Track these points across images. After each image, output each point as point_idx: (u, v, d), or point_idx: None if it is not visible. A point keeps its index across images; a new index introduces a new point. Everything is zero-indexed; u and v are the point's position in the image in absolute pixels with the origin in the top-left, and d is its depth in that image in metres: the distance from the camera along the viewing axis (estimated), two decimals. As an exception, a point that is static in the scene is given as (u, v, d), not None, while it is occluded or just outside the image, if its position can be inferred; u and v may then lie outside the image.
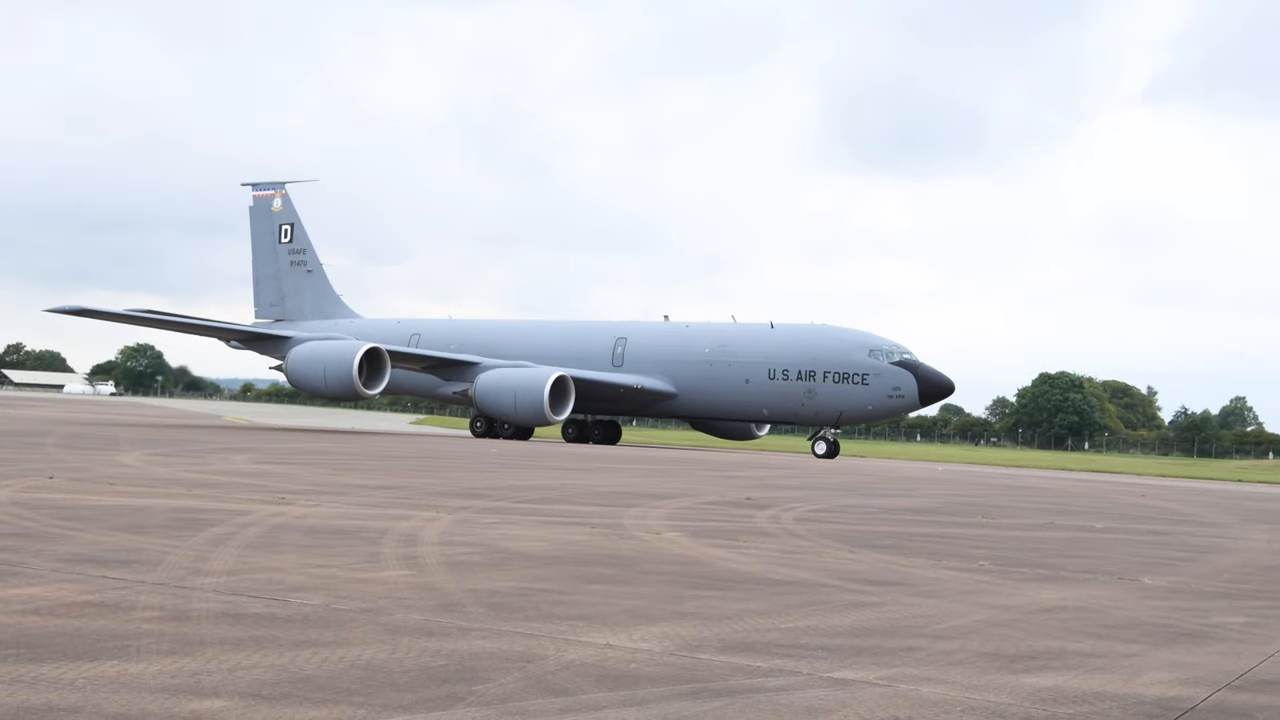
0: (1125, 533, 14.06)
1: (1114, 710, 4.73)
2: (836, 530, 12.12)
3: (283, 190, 52.42)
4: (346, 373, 39.29)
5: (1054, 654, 5.87)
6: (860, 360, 39.21)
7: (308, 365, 40.53)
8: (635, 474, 21.96)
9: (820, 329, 41.25)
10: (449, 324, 49.63)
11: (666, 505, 14.17)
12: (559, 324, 48.70)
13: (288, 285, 52.37)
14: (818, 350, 40.05)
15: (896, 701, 4.69)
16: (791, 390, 40.24)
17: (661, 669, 5.06)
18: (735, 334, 42.75)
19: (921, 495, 20.01)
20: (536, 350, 44.78)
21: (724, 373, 41.75)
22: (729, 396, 41.95)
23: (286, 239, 52.27)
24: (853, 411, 39.89)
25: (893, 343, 39.74)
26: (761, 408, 41.52)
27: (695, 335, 43.39)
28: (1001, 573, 9.19)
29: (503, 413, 41.97)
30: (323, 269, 52.35)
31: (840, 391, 39.38)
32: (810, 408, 40.19)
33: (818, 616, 6.64)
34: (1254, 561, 11.35)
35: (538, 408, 40.64)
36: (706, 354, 42.26)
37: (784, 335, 41.35)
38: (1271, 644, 6.48)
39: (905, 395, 38.94)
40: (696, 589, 7.45)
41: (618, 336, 44.66)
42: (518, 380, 41.50)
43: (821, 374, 39.67)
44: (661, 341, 43.96)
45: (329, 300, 52.24)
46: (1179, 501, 22.31)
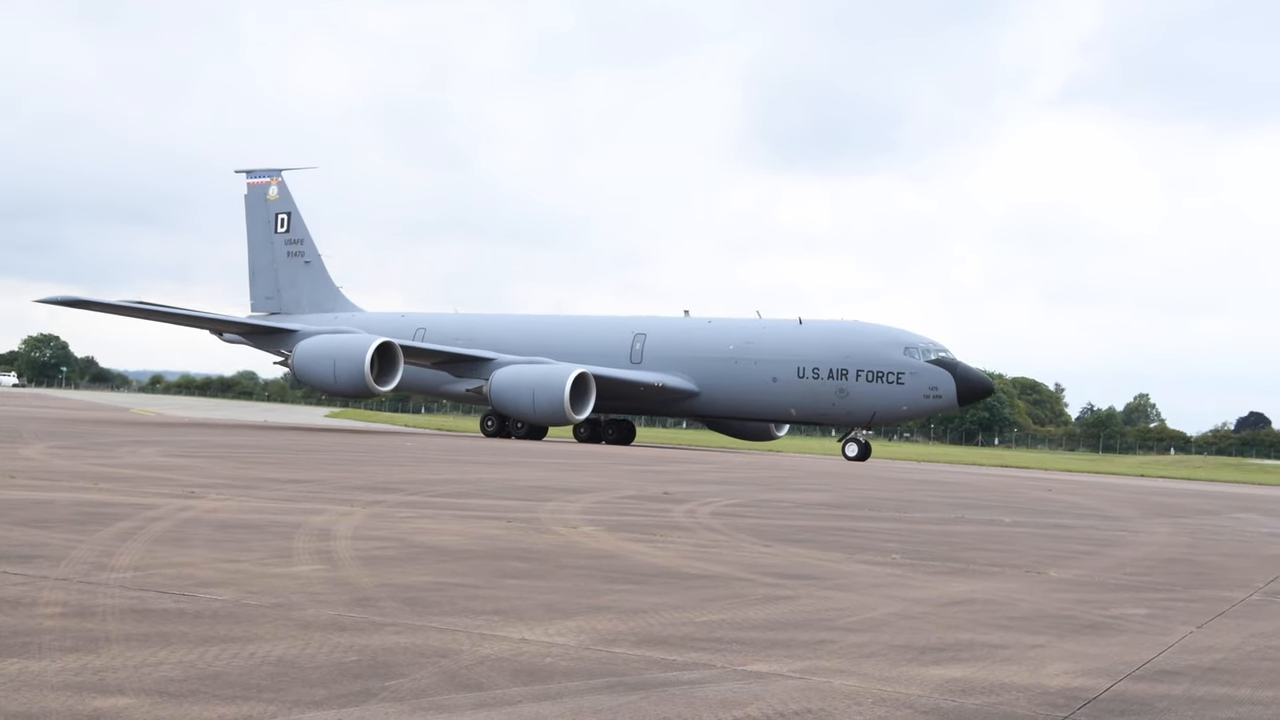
0: (1032, 526, 14.36)
1: (1019, 700, 4.83)
2: (752, 525, 12.21)
3: (279, 178, 49.99)
4: (358, 369, 37.42)
5: (963, 645, 5.97)
6: (895, 358, 37.29)
7: (316, 360, 38.65)
8: (553, 468, 21.92)
9: (852, 325, 39.43)
10: (456, 318, 47.43)
11: (584, 499, 14.17)
12: (573, 319, 46.75)
13: (284, 276, 49.85)
14: (850, 348, 38.08)
15: (809, 693, 4.74)
16: (822, 389, 38.32)
17: (577, 663, 5.06)
18: (761, 330, 40.65)
19: (837, 490, 20.24)
20: (550, 346, 42.56)
21: (750, 370, 39.70)
22: (755, 395, 39.90)
23: (283, 228, 49.90)
24: (887, 412, 38.10)
25: (929, 340, 37.85)
26: (789, 407, 39.60)
27: (718, 331, 41.44)
28: (913, 566, 9.33)
29: (520, 411, 39.98)
30: (321, 260, 49.95)
31: (874, 391, 37.48)
32: (841, 408, 38.29)
33: (733, 610, 6.69)
34: (1155, 555, 11.65)
35: (558, 406, 38.64)
36: (731, 351, 40.21)
37: (813, 332, 39.41)
38: (1170, 635, 6.66)
39: (943, 395, 37.11)
40: (613, 583, 7.46)
41: (636, 332, 42.51)
42: (536, 377, 39.59)
43: (854, 372, 37.71)
44: (682, 338, 41.91)
45: (328, 292, 49.87)
46: (1084, 496, 22.83)
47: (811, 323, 40.07)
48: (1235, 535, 14.85)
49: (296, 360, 39.44)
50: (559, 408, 38.66)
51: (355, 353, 37.97)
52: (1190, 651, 6.18)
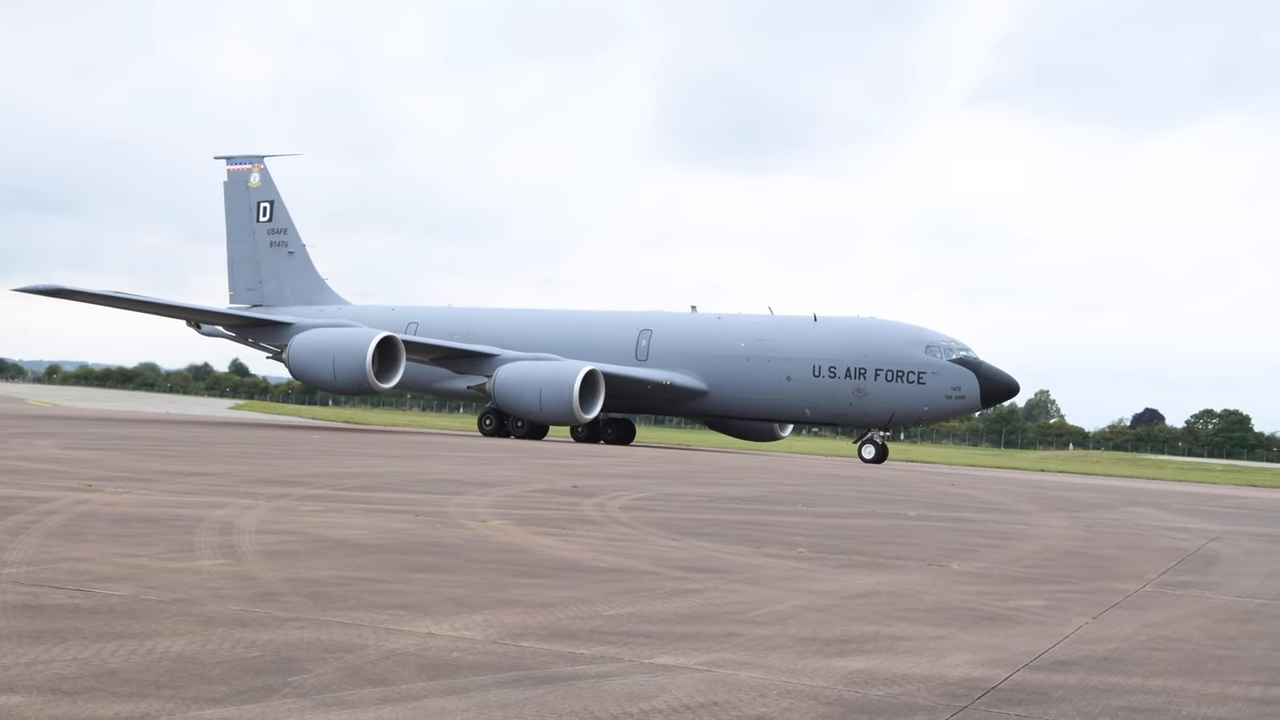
0: (936, 520, 14.61)
1: (920, 691, 4.91)
2: (661, 518, 12.26)
3: (261, 165, 48.16)
4: (359, 364, 35.89)
5: (867, 638, 6.06)
6: (916, 357, 36.19)
7: (314, 355, 36.99)
8: (464, 461, 21.79)
9: (870, 323, 38.22)
10: (449, 312, 45.43)
11: (493, 493, 14.11)
12: (575, 313, 44.52)
13: (266, 268, 47.89)
14: (869, 346, 36.92)
15: (715, 686, 4.78)
16: (839, 389, 37.08)
17: (484, 657, 5.04)
18: (774, 327, 39.29)
19: (746, 484, 20.41)
20: (551, 342, 41.07)
21: (762, 369, 38.34)
22: (768, 395, 38.54)
23: (265, 217, 47.95)
24: (907, 413, 37.03)
25: (951, 338, 36.75)
26: (804, 407, 38.33)
27: (729, 328, 40.03)
28: (820, 559, 9.45)
29: (525, 409, 38.44)
30: (305, 250, 48.19)
31: (893, 391, 36.35)
32: (859, 408, 37.12)
33: (640, 604, 6.71)
34: (1053, 547, 11.93)
35: (566, 404, 37.21)
36: (743, 348, 38.86)
37: (830, 329, 38.13)
38: (1067, 626, 6.83)
39: (966, 396, 36.01)
40: (521, 577, 7.44)
41: (641, 328, 41.06)
42: (543, 374, 38.04)
43: (873, 371, 36.54)
44: (691, 334, 40.44)
45: (313, 284, 47.94)
46: (986, 490, 23.30)
47: (827, 319, 38.83)
48: (1129, 528, 15.26)
49: (293, 355, 37.71)
50: (568, 406, 37.25)
51: (356, 347, 36.31)
52: (1085, 642, 6.34)
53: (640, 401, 41.02)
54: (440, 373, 41.42)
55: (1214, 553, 12.33)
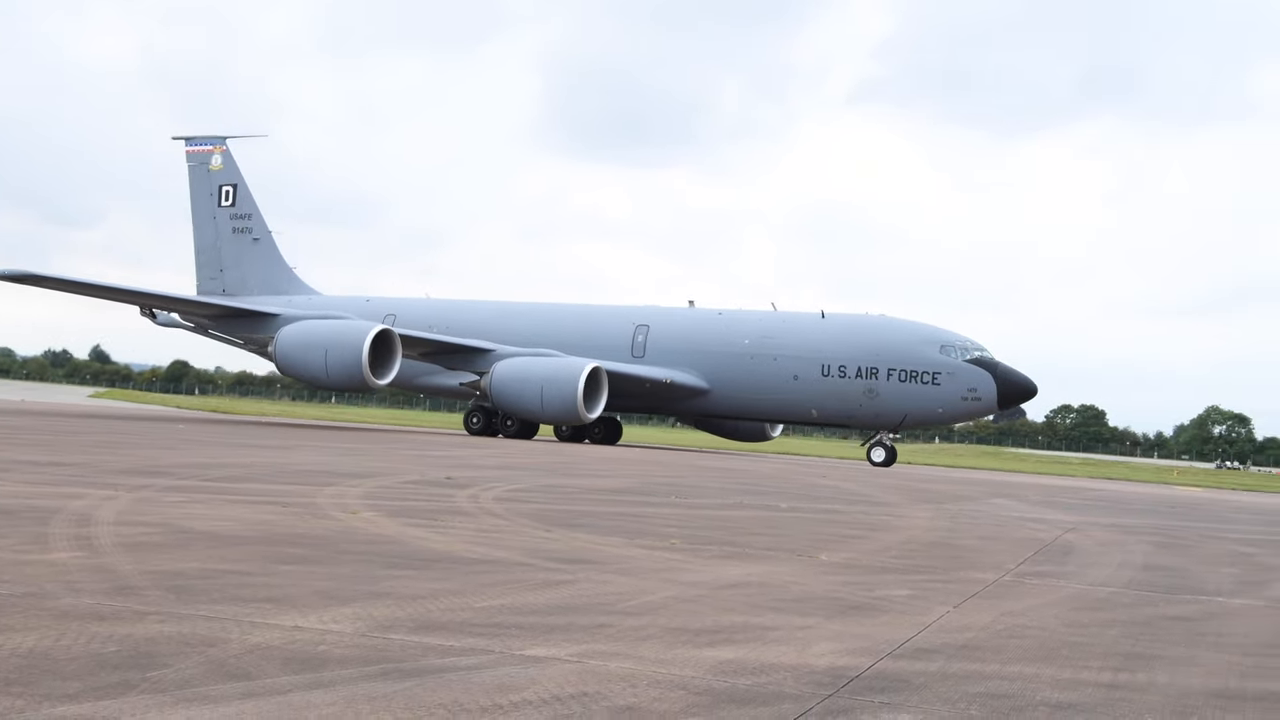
0: (806, 511, 14.86)
1: (787, 680, 5.00)
2: (535, 510, 12.24)
3: (223, 146, 45.61)
4: (355, 359, 33.88)
5: (736, 628, 6.14)
6: (930, 357, 34.99)
7: (305, 349, 34.75)
8: (334, 452, 21.44)
9: (880, 321, 36.97)
10: (430, 304, 43.08)
11: (365, 484, 13.92)
12: (565, 308, 42.49)
13: (229, 255, 45.42)
14: (881, 344, 35.63)
15: (586, 677, 4.79)
16: (849, 389, 35.69)
17: (352, 650, 4.97)
18: (779, 324, 37.68)
19: (620, 476, 20.48)
20: (541, 337, 39.06)
21: (767, 367, 36.78)
22: (772, 394, 36.98)
23: (228, 202, 45.43)
24: (920, 414, 35.76)
25: (966, 338, 35.56)
26: (811, 408, 36.91)
27: (731, 324, 38.34)
28: (692, 550, 9.53)
29: (525, 408, 36.49)
30: (272, 237, 45.67)
31: (906, 392, 35.12)
32: (870, 409, 35.83)
33: (512, 595, 6.69)
34: (918, 538, 12.23)
35: (570, 403, 35.32)
36: (746, 345, 37.30)
37: (839, 327, 36.70)
38: (929, 615, 7.01)
39: (982, 398, 34.84)
40: (392, 569, 7.36)
41: (637, 324, 39.28)
42: (545, 371, 36.10)
43: (885, 371, 35.28)
44: (690, 330, 38.73)
45: (279, 273, 45.34)
46: (855, 482, 23.76)
47: (836, 316, 37.38)
48: (990, 520, 15.72)
49: (281, 349, 35.44)
50: (572, 405, 35.43)
51: (351, 340, 34.28)
52: (946, 630, 6.52)
53: (637, 400, 39.23)
54: (426, 368, 39.26)
55: (1069, 543, 12.77)
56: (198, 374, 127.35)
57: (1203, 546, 13.63)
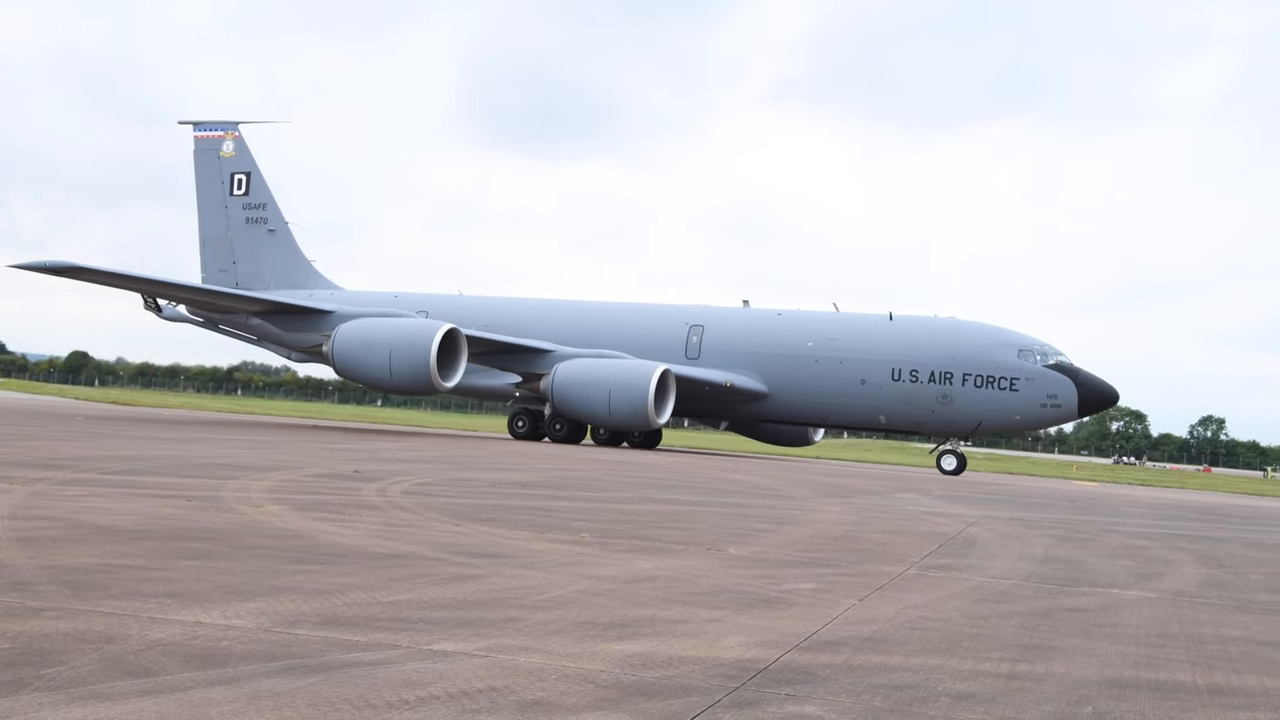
0: (715, 506, 14.96)
1: (695, 673, 5.03)
2: (444, 504, 12.16)
3: (235, 132, 43.49)
4: (422, 360, 32.04)
5: (645, 621, 6.16)
6: (1008, 362, 33.74)
7: (365, 349, 32.84)
8: (239, 445, 21.08)
9: (952, 323, 35.62)
10: (464, 300, 40.35)
11: (271, 477, 13.70)
12: (613, 306, 40.33)
13: (242, 247, 43.14)
14: (955, 348, 34.31)
15: (494, 671, 4.78)
16: (921, 394, 34.38)
17: (255, 646, 4.90)
18: (844, 326, 36.19)
19: (530, 470, 20.42)
20: (589, 336, 37.26)
21: (833, 371, 35.33)
22: (838, 399, 35.57)
23: (240, 190, 43.23)
24: (996, 421, 34.50)
25: (1043, 342, 34.36)
26: (878, 414, 35.56)
27: (792, 325, 36.76)
28: (601, 544, 9.54)
29: (590, 413, 34.87)
30: (288, 228, 43.38)
31: (982, 397, 33.81)
32: (943, 416, 34.48)
33: (420, 590, 6.64)
34: (825, 532, 12.37)
35: (640, 408, 33.66)
36: (810, 348, 35.78)
37: (909, 329, 35.42)
38: (836, 608, 7.10)
39: (1062, 405, 33.63)
40: (298, 563, 7.26)
41: (691, 324, 37.57)
42: (613, 374, 34.33)
43: (960, 376, 33.91)
44: (747, 331, 37.10)
45: (297, 266, 43.02)
46: (764, 477, 23.97)
47: (904, 318, 36.06)
48: (896, 514, 15.96)
49: (339, 348, 33.33)
50: (642, 410, 33.82)
51: (418, 340, 32.39)
52: (852, 623, 6.61)
53: (695, 404, 37.42)
54: (472, 368, 36.01)
55: (972, 536, 13.02)
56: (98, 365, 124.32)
57: (1100, 540, 13.98)
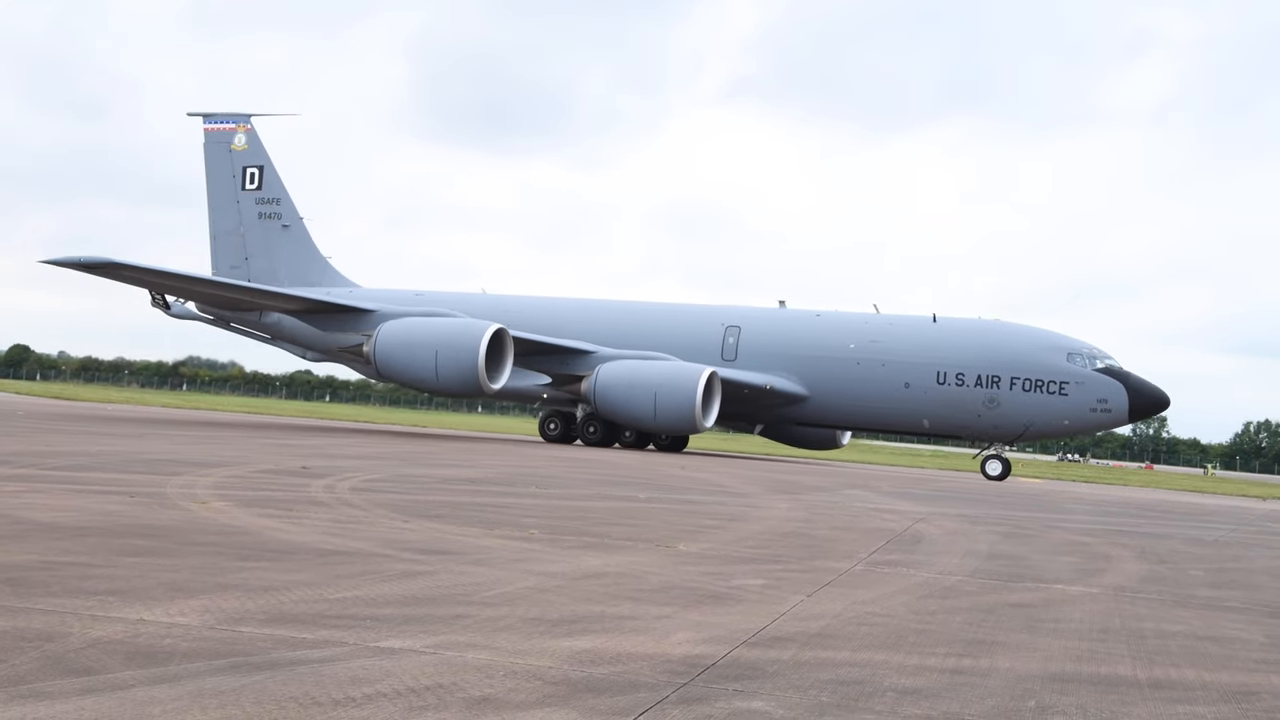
0: (666, 502, 14.98)
1: (644, 669, 5.04)
2: (392, 500, 12.09)
3: (247, 125, 42.01)
4: (470, 361, 31.21)
5: (594, 618, 6.16)
6: (1057, 365, 33.01)
7: (410, 349, 32.06)
8: (185, 440, 20.84)
9: (1000, 326, 34.78)
10: (489, 300, 38.83)
11: (216, 473, 13.56)
12: (647, 306, 39.02)
13: (255, 242, 41.59)
14: (1003, 351, 33.54)
15: (442, 668, 4.76)
16: (967, 398, 33.55)
17: (199, 644, 4.85)
18: (887, 327, 35.30)
19: (479, 466, 20.35)
20: (624, 336, 36.09)
21: (875, 373, 34.46)
22: (880, 402, 34.71)
23: (253, 184, 41.72)
24: (1043, 426, 33.66)
25: (1093, 345, 33.54)
26: (922, 418, 34.67)
27: (832, 327, 35.85)
28: (551, 540, 9.53)
29: (635, 416, 33.95)
30: (303, 224, 41.89)
31: (1030, 402, 33.06)
32: (989, 420, 33.67)
33: (368, 586, 6.60)
34: (775, 529, 12.43)
35: (687, 411, 32.91)
36: (851, 350, 34.92)
37: (955, 331, 34.52)
38: (783, 604, 7.14)
39: (1112, 410, 32.87)
40: (243, 560, 7.19)
41: (727, 324, 36.53)
42: (658, 376, 33.46)
43: (1008, 380, 33.16)
44: (785, 332, 36.14)
45: (312, 263, 41.51)
46: (715, 473, 24.03)
47: (948, 320, 35.19)
48: (845, 510, 16.07)
49: (382, 349, 32.49)
50: (689, 414, 33.07)
51: (466, 340, 31.59)
52: (799, 619, 6.65)
53: (732, 406, 36.00)
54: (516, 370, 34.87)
55: (919, 533, 13.13)
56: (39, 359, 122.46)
57: (1044, 536, 14.16)
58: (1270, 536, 17.60)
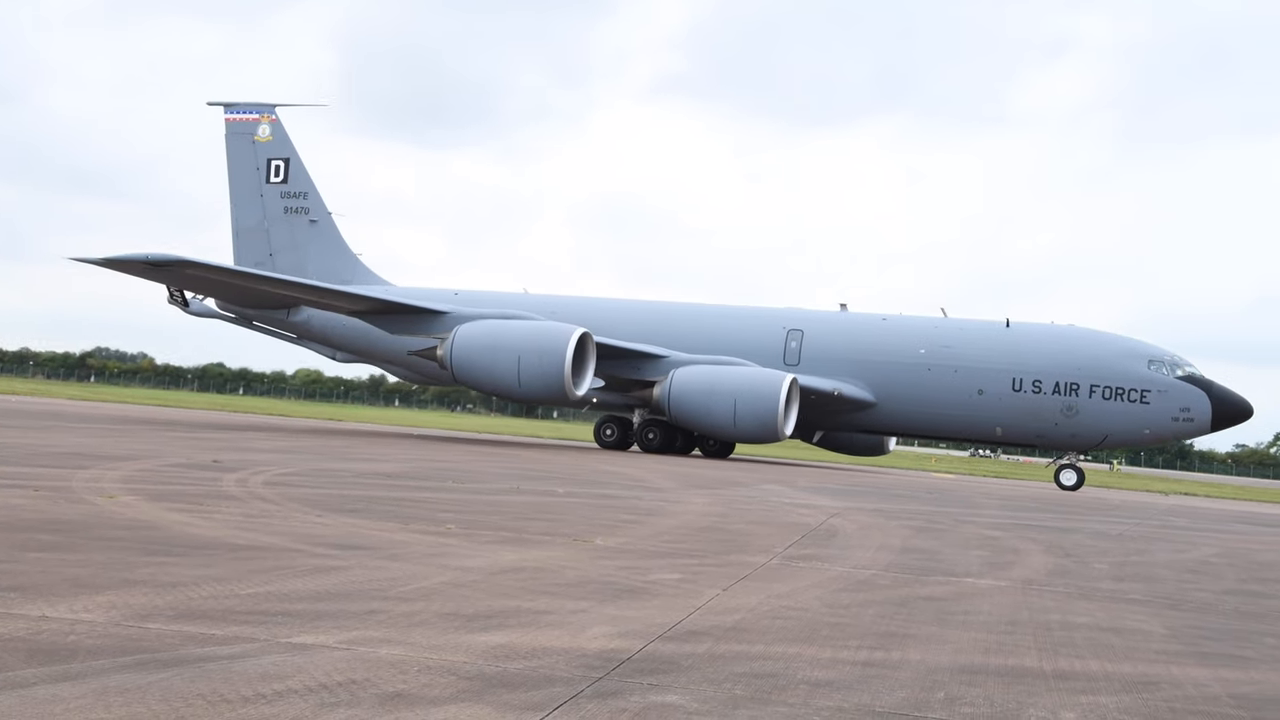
0: (584, 497, 14.98)
1: (559, 664, 5.04)
2: (306, 494, 11.94)
3: (272, 115, 40.47)
4: (556, 366, 30.04)
5: (510, 613, 6.15)
6: (1138, 373, 32.29)
7: (491, 353, 30.76)
8: (92, 434, 20.38)
9: (1076, 331, 33.89)
10: (532, 299, 37.01)
11: (125, 467, 13.28)
12: (704, 308, 37.68)
13: (280, 238, 39.92)
14: (1082, 357, 32.77)
15: (355, 664, 4.71)
16: (1045, 406, 32.78)
17: (104, 641, 4.75)
18: (958, 332, 34.37)
19: (396, 460, 20.17)
20: (679, 340, 34.94)
21: (947, 380, 33.55)
22: (952, 410, 33.79)
23: (279, 178, 40.14)
24: (1122, 435, 32.93)
25: (1173, 353, 32.90)
26: (995, 426, 33.81)
27: (899, 331, 34.96)
28: (467, 535, 9.48)
29: (714, 425, 32.84)
30: (332, 219, 40.29)
31: (1110, 410, 32.30)
32: (1066, 429, 32.93)
33: (280, 582, 6.51)
34: (691, 523, 12.49)
35: (769, 420, 31.71)
36: (921, 355, 34.00)
37: (1030, 337, 33.68)
38: (699, 598, 7.18)
39: (1195, 419, 32.19)
40: (151, 555, 7.05)
41: (789, 328, 35.39)
42: (739, 383, 32.28)
43: (1088, 388, 32.39)
44: (850, 337, 35.14)
45: (342, 259, 39.91)
46: (634, 468, 24.08)
47: (1023, 326, 34.29)
48: (761, 505, 16.19)
49: (459, 353, 31.13)
50: (771, 423, 31.87)
51: (551, 345, 30.40)
52: (715, 613, 6.69)
53: (798, 413, 34.41)
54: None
55: (834, 527, 13.28)
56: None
57: (956, 530, 14.39)
58: (1172, 530, 18.08)
